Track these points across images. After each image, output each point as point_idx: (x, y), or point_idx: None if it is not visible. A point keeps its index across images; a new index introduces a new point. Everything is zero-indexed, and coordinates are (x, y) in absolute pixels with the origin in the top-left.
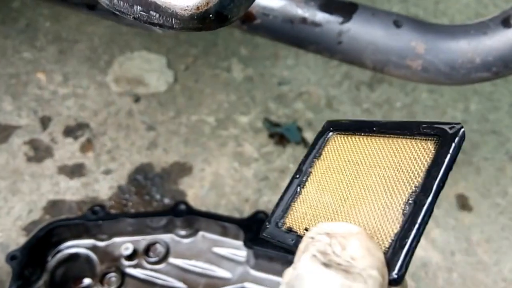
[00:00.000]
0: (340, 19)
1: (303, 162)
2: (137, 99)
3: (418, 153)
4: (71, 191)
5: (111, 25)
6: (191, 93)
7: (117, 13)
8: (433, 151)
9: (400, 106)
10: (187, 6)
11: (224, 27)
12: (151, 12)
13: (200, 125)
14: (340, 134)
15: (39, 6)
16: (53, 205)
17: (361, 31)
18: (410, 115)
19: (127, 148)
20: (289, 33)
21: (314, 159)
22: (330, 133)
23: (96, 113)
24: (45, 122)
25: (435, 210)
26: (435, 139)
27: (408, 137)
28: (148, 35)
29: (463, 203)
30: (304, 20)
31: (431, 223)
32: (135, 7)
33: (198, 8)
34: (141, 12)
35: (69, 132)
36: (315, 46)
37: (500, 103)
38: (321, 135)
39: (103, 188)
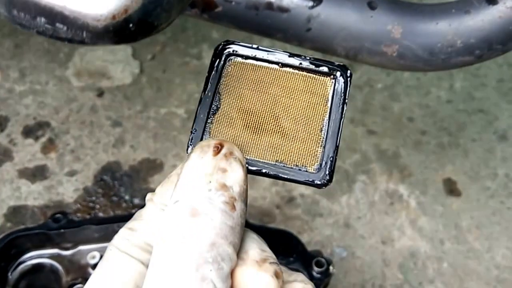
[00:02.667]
0: (309, 3)
1: (208, 84)
2: (100, 93)
3: (318, 87)
4: (33, 195)
5: None
6: (159, 84)
7: (18, 26)
8: (331, 87)
9: (382, 87)
10: (100, 16)
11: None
12: (57, 24)
13: (170, 118)
14: (242, 59)
15: None
16: (15, 212)
17: (332, 15)
18: (392, 97)
19: (92, 147)
20: (254, 21)
21: (220, 82)
22: (231, 56)
23: (57, 110)
24: (2, 122)
25: (421, 197)
26: (331, 76)
27: (306, 72)
28: None
29: (451, 188)
30: (270, 5)
31: (417, 211)
32: (38, 19)
33: (114, 17)
34: (46, 25)
35: (29, 132)
36: (282, 34)
37: (486, 79)
38: (219, 56)
39: (68, 191)
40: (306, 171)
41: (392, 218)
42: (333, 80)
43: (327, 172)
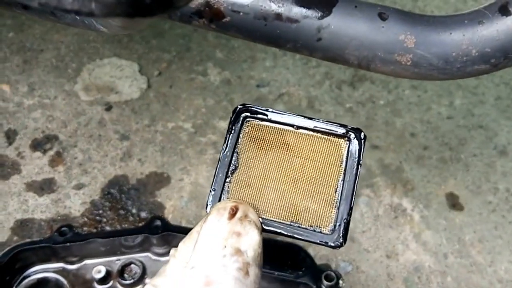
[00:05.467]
0: (318, 14)
1: (227, 144)
2: (108, 107)
3: (333, 149)
4: (41, 209)
5: (78, 33)
6: (166, 99)
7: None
8: (345, 148)
9: (384, 104)
10: None
11: (173, 18)
12: None
13: (177, 132)
14: (259, 122)
15: (2, 17)
16: (22, 225)
17: (342, 25)
18: (394, 113)
19: (99, 160)
20: (262, 31)
21: (238, 143)
22: (248, 118)
23: (65, 124)
24: (10, 136)
25: (424, 210)
26: (345, 138)
27: (321, 134)
28: (118, 41)
29: (454, 202)
30: (279, 16)
31: (421, 225)
32: None
33: None
34: None
35: (37, 145)
36: (292, 44)
37: (485, 97)
38: (236, 118)
39: (75, 205)
40: (321, 232)
41: (396, 231)
42: (348, 142)
43: (340, 234)
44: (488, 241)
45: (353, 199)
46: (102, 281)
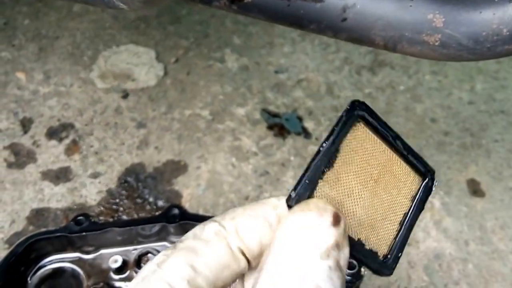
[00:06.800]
0: None
1: (333, 139)
2: (125, 95)
3: (410, 182)
4: (56, 198)
5: (94, 20)
6: (183, 86)
7: None
8: (419, 186)
9: (404, 89)
10: None
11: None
12: None
13: (194, 120)
14: (365, 126)
15: (18, 4)
16: (37, 214)
17: (369, 5)
18: (415, 98)
19: (116, 148)
20: (285, 12)
21: (340, 142)
22: (358, 121)
23: (81, 112)
24: (26, 124)
25: (445, 197)
26: (422, 177)
27: (407, 163)
28: (135, 28)
29: (475, 189)
30: None
31: (442, 212)
32: None
33: None
34: None
35: (53, 134)
36: (316, 24)
37: (506, 82)
38: (348, 116)
39: (91, 193)
40: (376, 257)
41: None
42: (422, 182)
43: (393, 266)
44: (510, 227)
45: (409, 237)
46: (119, 270)
